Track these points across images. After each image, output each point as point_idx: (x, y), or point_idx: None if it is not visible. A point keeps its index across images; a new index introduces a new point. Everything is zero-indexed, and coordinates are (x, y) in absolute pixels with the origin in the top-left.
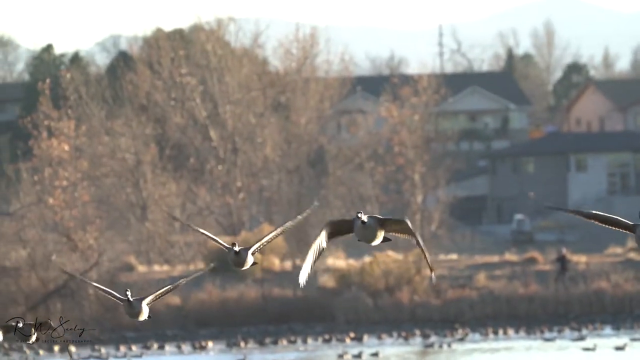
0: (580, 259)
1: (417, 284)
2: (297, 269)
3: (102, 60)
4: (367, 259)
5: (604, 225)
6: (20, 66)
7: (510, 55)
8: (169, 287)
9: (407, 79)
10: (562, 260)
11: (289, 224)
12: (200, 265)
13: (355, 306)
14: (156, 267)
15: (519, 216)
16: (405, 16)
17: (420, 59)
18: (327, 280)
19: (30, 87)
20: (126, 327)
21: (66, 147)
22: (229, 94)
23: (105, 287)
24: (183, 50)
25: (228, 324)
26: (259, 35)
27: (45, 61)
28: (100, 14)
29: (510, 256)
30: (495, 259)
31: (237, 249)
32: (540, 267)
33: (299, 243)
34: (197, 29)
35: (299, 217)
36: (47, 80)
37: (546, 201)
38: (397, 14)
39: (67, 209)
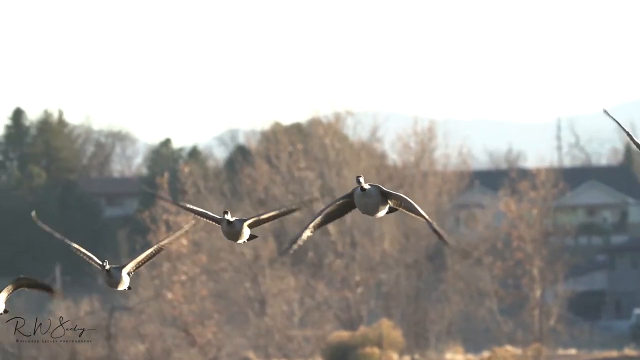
0: None
1: None
2: None
3: (220, 154)
4: (485, 353)
5: None
6: (138, 160)
7: (628, 148)
8: (151, 250)
9: (525, 173)
10: None
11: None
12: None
13: None
14: None
15: (638, 311)
16: (523, 109)
17: (538, 152)
18: None
19: (149, 181)
20: None
21: (185, 242)
22: (347, 188)
23: None
24: (301, 144)
25: None
26: (377, 129)
27: (163, 155)
28: (218, 108)
29: (630, 351)
30: (614, 354)
31: (230, 218)
32: None
33: (417, 338)
34: (315, 122)
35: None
36: (166, 174)
37: None
38: (515, 107)
39: (186, 304)
